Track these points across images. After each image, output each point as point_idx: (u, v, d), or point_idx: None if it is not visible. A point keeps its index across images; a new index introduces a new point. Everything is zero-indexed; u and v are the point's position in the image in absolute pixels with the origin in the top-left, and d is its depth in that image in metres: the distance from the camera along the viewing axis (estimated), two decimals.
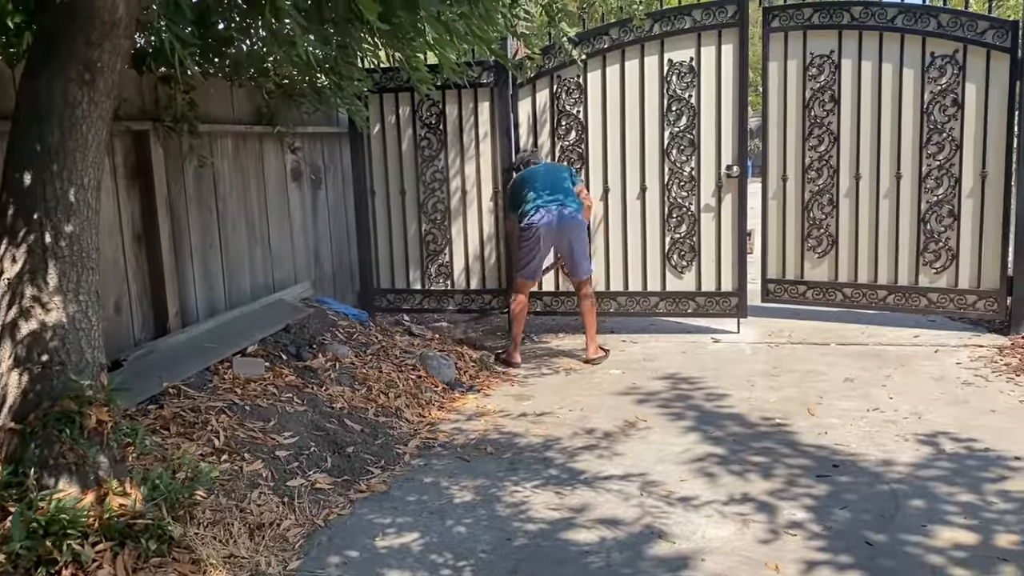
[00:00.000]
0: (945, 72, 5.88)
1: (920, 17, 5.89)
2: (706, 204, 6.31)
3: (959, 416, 4.38)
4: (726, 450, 4.07)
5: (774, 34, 6.33)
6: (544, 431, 4.46)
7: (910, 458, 3.85)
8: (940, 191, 6.00)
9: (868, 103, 6.13)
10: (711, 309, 6.42)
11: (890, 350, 5.75)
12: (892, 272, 6.22)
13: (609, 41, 6.32)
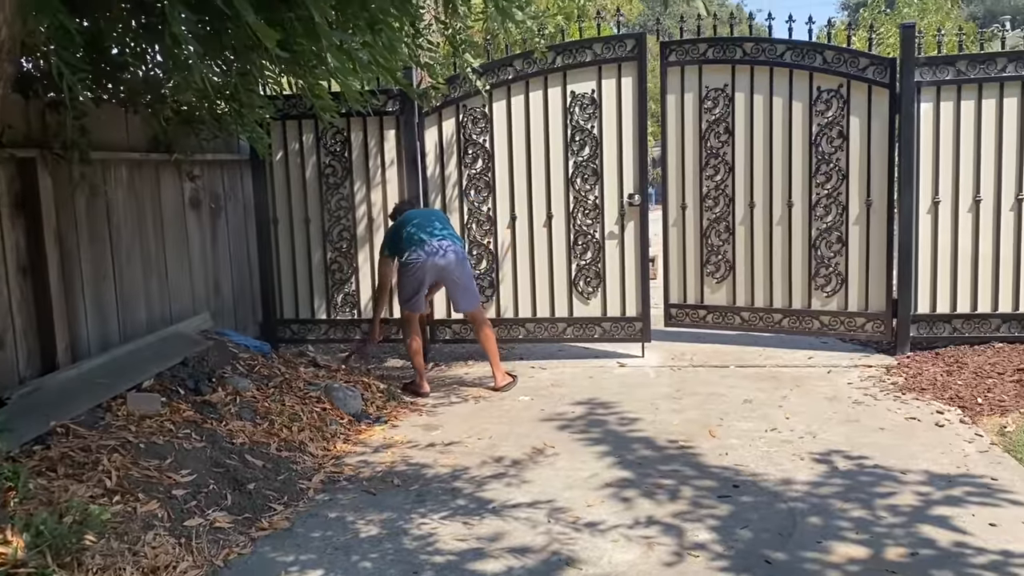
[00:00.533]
0: (831, 105, 6.20)
1: (807, 53, 6.20)
2: (610, 231, 6.44)
3: (851, 434, 4.57)
4: (632, 473, 4.13)
5: (671, 68, 6.55)
6: (452, 461, 4.43)
7: (806, 476, 3.99)
8: (829, 218, 6.29)
9: (760, 135, 6.39)
10: (617, 334, 6.53)
11: (786, 371, 5.96)
12: (786, 296, 6.47)
13: (513, 72, 6.41)
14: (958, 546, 3.21)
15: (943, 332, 6.13)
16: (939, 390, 5.26)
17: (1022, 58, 5.87)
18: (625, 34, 6.45)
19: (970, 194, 6.00)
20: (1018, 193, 5.93)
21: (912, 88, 5.95)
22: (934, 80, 5.94)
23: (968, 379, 5.40)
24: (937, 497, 3.69)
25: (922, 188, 6.05)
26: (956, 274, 6.07)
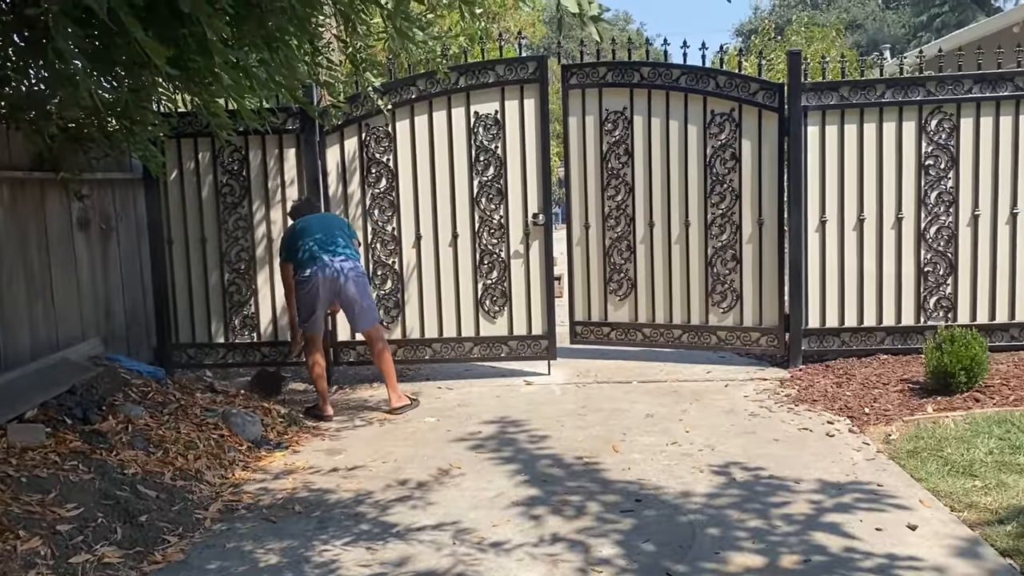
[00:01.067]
0: (724, 128, 6.43)
1: (701, 78, 6.43)
2: (515, 251, 6.49)
3: (747, 446, 4.72)
4: (538, 491, 4.15)
5: (572, 90, 6.68)
6: (356, 485, 4.36)
7: (705, 488, 4.09)
8: (724, 237, 6.51)
9: (659, 156, 6.57)
10: (523, 352, 6.57)
11: (686, 386, 6.12)
12: (685, 312, 6.65)
13: (416, 92, 6.41)
14: (847, 551, 3.34)
15: (832, 345, 6.41)
16: (829, 401, 5.49)
17: (899, 85, 6.23)
18: (527, 57, 6.53)
19: (854, 213, 6.32)
20: (898, 212, 6.27)
21: (799, 112, 6.23)
22: (819, 105, 6.24)
23: (856, 390, 5.65)
24: (828, 505, 3.83)
25: (810, 208, 6.34)
26: (843, 289, 6.36)
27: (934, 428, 4.74)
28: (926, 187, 6.23)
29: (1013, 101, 6.12)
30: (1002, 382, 5.51)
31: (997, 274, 6.24)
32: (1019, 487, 3.86)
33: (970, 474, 4.07)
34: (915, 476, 4.12)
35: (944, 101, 6.15)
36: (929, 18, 39.24)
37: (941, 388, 5.35)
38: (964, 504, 3.75)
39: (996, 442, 4.42)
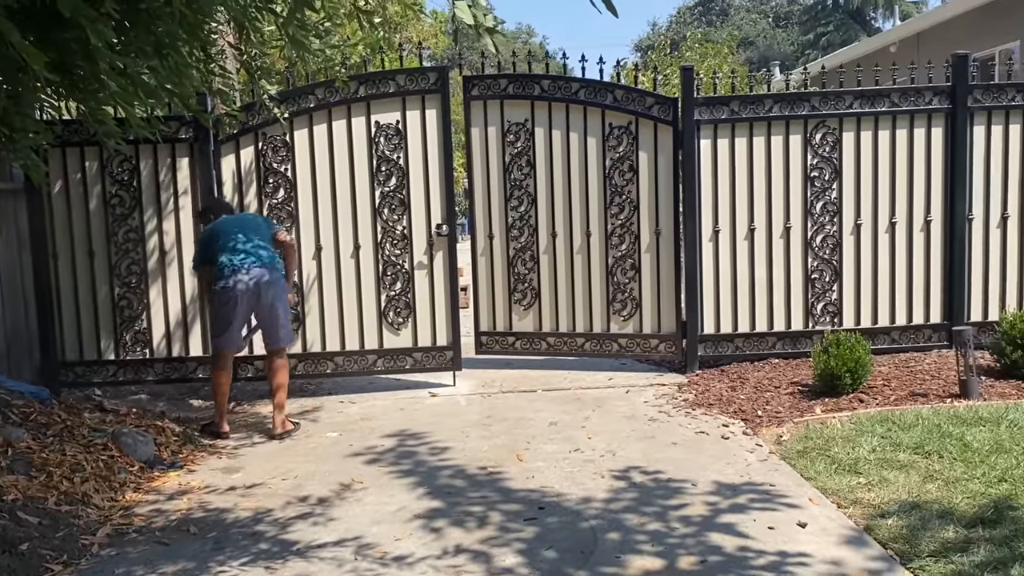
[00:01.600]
0: (622, 141, 6.58)
1: (599, 92, 6.56)
2: (419, 262, 6.47)
3: (647, 450, 4.83)
4: (441, 503, 4.13)
5: (474, 102, 6.71)
6: (255, 504, 4.24)
7: (606, 494, 4.16)
8: (623, 247, 6.65)
9: (560, 167, 6.67)
10: (428, 364, 6.54)
11: (589, 393, 6.21)
12: (588, 321, 6.76)
13: (315, 101, 6.32)
14: (742, 550, 3.45)
15: (727, 351, 6.63)
16: (724, 405, 5.67)
17: (786, 100, 6.51)
18: (428, 67, 6.53)
19: (746, 223, 6.56)
20: (786, 222, 6.54)
21: (692, 126, 6.44)
22: (711, 119, 6.47)
23: (749, 393, 5.86)
24: (724, 505, 3.95)
25: (704, 218, 6.55)
26: (736, 296, 6.59)
27: (822, 428, 4.95)
28: (812, 198, 6.53)
29: (890, 116, 6.48)
30: (884, 383, 5.81)
31: (878, 280, 6.58)
32: (900, 483, 4.07)
33: (855, 472, 4.26)
34: (805, 475, 4.30)
35: (828, 116, 6.46)
36: (816, 36, 41.21)
37: (828, 390, 5.60)
38: (850, 500, 3.93)
39: (879, 440, 4.64)
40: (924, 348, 6.58)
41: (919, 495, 3.90)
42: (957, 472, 4.14)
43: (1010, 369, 5.71)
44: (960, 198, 6.49)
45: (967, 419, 4.84)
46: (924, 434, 4.65)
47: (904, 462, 4.32)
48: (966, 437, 4.55)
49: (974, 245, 6.56)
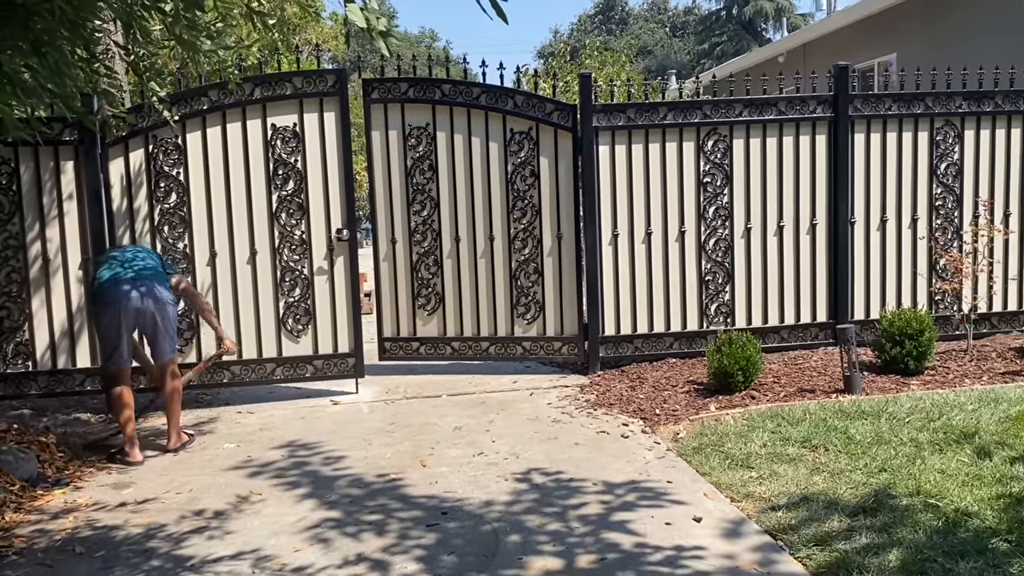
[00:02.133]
0: (523, 147, 6.64)
1: (500, 97, 6.61)
2: (319, 267, 6.36)
3: (550, 451, 4.88)
4: (342, 512, 4.08)
5: (375, 105, 6.66)
6: (147, 520, 4.09)
7: (508, 496, 4.18)
8: (526, 251, 6.72)
9: (462, 172, 6.68)
10: (329, 371, 6.44)
11: (493, 396, 6.24)
12: (492, 325, 6.79)
13: (209, 103, 6.15)
14: (639, 547, 3.53)
15: (627, 351, 6.78)
16: (625, 404, 5.79)
17: (679, 108, 6.70)
18: (326, 69, 6.43)
19: (643, 227, 6.72)
20: (681, 226, 6.74)
21: (591, 132, 6.56)
22: (609, 125, 6.60)
23: (648, 392, 6.00)
24: (623, 503, 4.04)
25: (604, 222, 6.68)
26: (635, 298, 6.74)
27: (716, 425, 5.11)
28: (705, 203, 6.75)
29: (777, 124, 6.76)
30: (774, 380, 6.05)
31: (768, 281, 6.85)
32: (789, 476, 4.24)
33: (748, 466, 4.42)
34: (700, 471, 4.43)
35: (719, 123, 6.69)
36: (711, 46, 42.59)
37: (722, 387, 5.80)
38: (743, 494, 4.07)
39: (769, 435, 4.83)
40: (812, 346, 6.89)
41: (807, 487, 4.07)
42: (842, 464, 4.34)
43: (890, 364, 6.03)
44: (843, 202, 6.82)
45: (851, 413, 5.09)
46: (811, 428, 4.87)
47: (793, 456, 4.51)
48: (850, 430, 4.78)
49: (856, 247, 6.90)
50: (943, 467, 4.17)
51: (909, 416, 4.96)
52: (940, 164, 6.92)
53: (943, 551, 3.29)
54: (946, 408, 5.04)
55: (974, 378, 5.86)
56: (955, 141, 6.91)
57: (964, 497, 3.78)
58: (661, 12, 54.66)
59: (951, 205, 6.96)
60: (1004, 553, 3.26)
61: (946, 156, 6.92)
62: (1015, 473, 4.03)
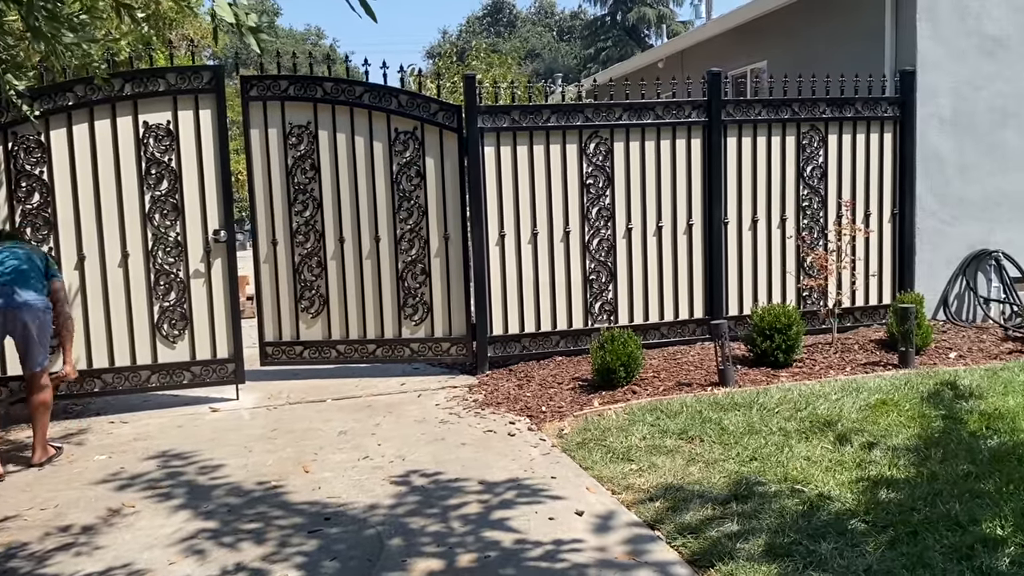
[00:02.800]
0: (408, 146, 6.61)
1: (384, 96, 6.56)
2: (195, 270, 6.15)
3: (436, 453, 4.88)
4: (219, 523, 3.96)
5: (253, 103, 6.49)
6: (7, 539, 3.86)
7: (393, 500, 4.16)
8: (413, 252, 6.69)
9: (346, 172, 6.59)
10: (208, 378, 6.23)
11: (380, 399, 6.18)
12: (379, 327, 6.72)
13: (75, 98, 5.85)
14: (519, 543, 3.58)
15: (515, 350, 6.85)
16: (512, 403, 5.85)
17: (562, 111, 6.82)
18: (201, 65, 6.23)
19: (529, 228, 6.80)
20: (566, 227, 6.86)
21: (476, 133, 6.60)
22: (494, 127, 6.65)
23: (535, 390, 6.08)
24: (507, 500, 4.08)
25: (490, 223, 6.72)
26: (522, 298, 6.82)
27: (599, 420, 5.23)
28: (588, 204, 6.89)
29: (655, 128, 6.97)
30: (654, 375, 6.24)
31: (648, 280, 7.06)
32: (666, 467, 4.39)
33: (628, 459, 4.54)
34: (583, 466, 4.52)
35: (600, 127, 6.85)
36: (596, 51, 43.50)
37: (605, 384, 5.94)
38: (623, 487, 4.19)
39: (649, 428, 4.98)
40: (690, 341, 7.14)
41: (683, 477, 4.22)
42: (715, 454, 4.53)
43: (761, 357, 6.32)
44: (717, 204, 7.10)
45: (724, 405, 5.31)
46: (688, 420, 5.05)
47: (670, 447, 4.66)
48: (723, 421, 4.99)
49: (730, 246, 7.20)
50: (808, 454, 4.41)
51: (778, 407, 5.21)
52: (806, 167, 7.30)
53: (807, 533, 3.48)
54: (812, 398, 5.33)
55: (838, 369, 6.21)
56: (820, 145, 7.31)
57: (827, 482, 4.01)
58: (548, 16, 55.43)
59: (817, 206, 7.35)
60: (861, 533, 3.47)
61: (812, 159, 7.31)
62: (872, 458, 4.30)
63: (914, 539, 3.39)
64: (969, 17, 7.57)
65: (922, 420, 4.85)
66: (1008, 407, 5.00)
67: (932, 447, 4.39)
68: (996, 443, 4.41)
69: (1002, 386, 5.46)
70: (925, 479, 3.98)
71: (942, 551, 3.27)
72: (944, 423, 4.78)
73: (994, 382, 5.56)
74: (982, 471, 4.03)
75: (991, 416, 4.84)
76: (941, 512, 3.60)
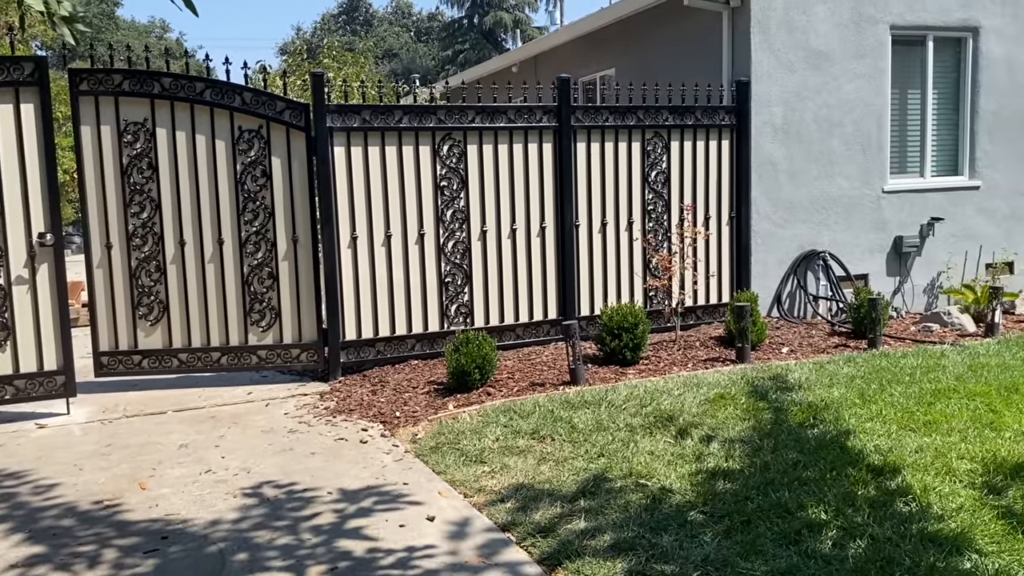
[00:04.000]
0: (253, 145, 6.38)
1: (226, 93, 6.29)
2: (18, 276, 5.69)
3: (284, 463, 4.73)
4: (48, 547, 3.67)
5: (84, 97, 6.08)
6: None
7: (237, 514, 3.99)
8: (260, 255, 6.46)
9: (187, 171, 6.28)
10: (34, 392, 5.78)
11: (226, 410, 5.93)
12: (224, 334, 6.45)
13: None
14: (372, 552, 3.52)
15: (369, 355, 6.74)
16: (365, 409, 5.75)
17: (415, 112, 6.77)
18: (23, 56, 5.75)
19: (383, 230, 6.72)
20: (420, 229, 6.82)
21: (325, 132, 6.44)
22: (344, 126, 6.52)
23: (389, 396, 6.01)
24: (357, 509, 4.00)
25: (342, 225, 6.59)
26: (376, 301, 6.73)
27: (453, 423, 5.23)
28: (442, 206, 6.88)
29: (507, 131, 7.05)
30: (509, 376, 6.31)
31: (503, 281, 7.13)
32: (518, 467, 4.44)
33: (481, 461, 4.56)
34: (436, 470, 4.50)
35: (453, 129, 6.85)
36: (454, 53, 43.64)
37: (461, 386, 5.94)
38: (475, 489, 4.20)
39: (502, 430, 5.02)
40: (545, 342, 7.26)
41: (534, 477, 4.28)
42: (566, 452, 4.62)
43: (611, 356, 6.51)
44: (568, 207, 7.26)
45: (575, 403, 5.43)
46: (540, 420, 5.13)
47: (523, 448, 4.72)
48: (574, 420, 5.10)
49: (581, 248, 7.38)
50: (652, 449, 4.57)
51: (625, 403, 5.38)
52: (651, 172, 7.58)
53: (650, 527, 3.60)
54: (657, 394, 5.53)
55: (681, 365, 6.49)
56: (663, 151, 7.61)
57: (669, 475, 4.17)
58: (405, 16, 55.09)
59: (661, 209, 7.65)
60: (700, 524, 3.63)
61: (656, 165, 7.60)
62: (710, 451, 4.51)
63: (748, 527, 3.57)
64: (797, 31, 8.09)
65: (756, 413, 5.13)
66: (833, 398, 5.37)
67: (765, 438, 4.66)
68: (821, 432, 4.73)
69: (828, 378, 5.86)
70: (758, 469, 4.21)
71: (772, 538, 3.47)
72: (776, 415, 5.08)
73: (821, 375, 5.96)
74: (809, 459, 4.30)
75: (817, 407, 5.18)
76: (772, 500, 3.81)
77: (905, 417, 4.97)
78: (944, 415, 4.97)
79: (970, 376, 5.86)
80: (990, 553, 3.29)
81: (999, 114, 8.91)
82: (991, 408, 5.10)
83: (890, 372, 5.99)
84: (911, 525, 3.53)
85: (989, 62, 8.80)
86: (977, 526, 3.51)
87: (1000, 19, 8.77)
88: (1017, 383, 5.62)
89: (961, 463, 4.20)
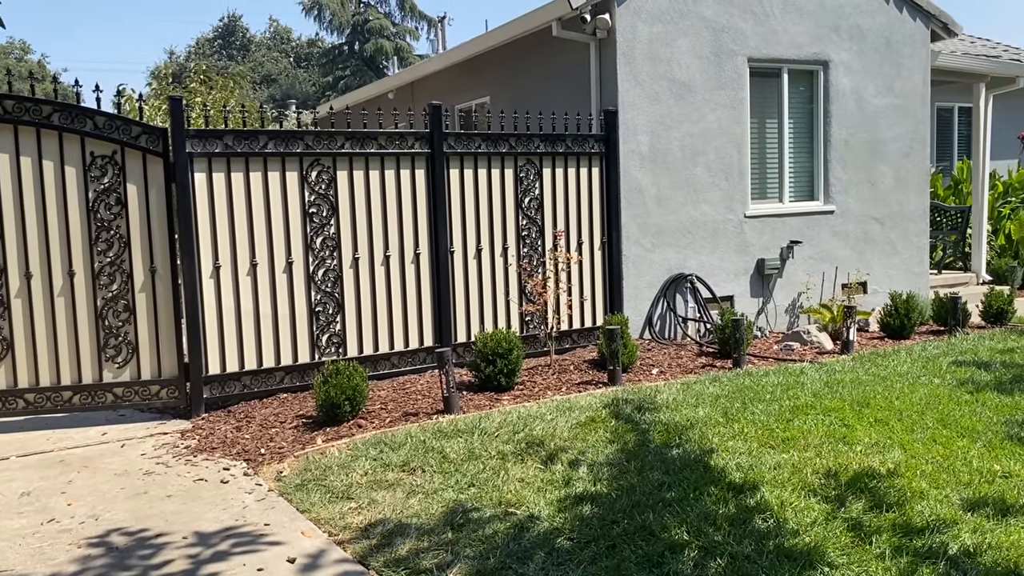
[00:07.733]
0: (107, 172, 6.05)
1: (77, 117, 5.96)
2: None
3: (137, 509, 4.44)
4: None
5: None
6: None
7: (79, 566, 3.71)
8: (115, 287, 6.11)
9: (31, 199, 5.90)
10: None
11: (76, 452, 5.55)
12: (76, 371, 6.06)
13: None
14: None
15: (235, 390, 6.46)
16: (228, 447, 5.50)
17: (281, 137, 6.59)
18: None
19: (248, 258, 6.48)
20: (288, 257, 6.62)
21: (185, 158, 6.19)
22: (205, 152, 6.28)
23: (255, 432, 5.77)
24: (214, 554, 3.80)
25: (203, 254, 6.32)
26: (242, 333, 6.47)
27: (321, 459, 5.06)
28: (312, 233, 6.71)
29: (379, 157, 6.96)
30: (382, 406, 6.17)
31: (377, 310, 7.00)
32: (386, 502, 4.32)
33: (348, 497, 4.42)
34: (300, 509, 4.33)
35: (322, 155, 6.71)
36: (335, 79, 43.13)
37: (330, 419, 5.77)
38: (340, 527, 4.06)
39: (371, 463, 4.89)
40: (421, 370, 7.16)
41: (402, 511, 4.17)
42: (436, 483, 4.53)
43: (485, 382, 6.48)
44: (442, 233, 7.22)
45: (448, 432, 5.35)
46: (411, 451, 5.03)
47: (392, 481, 4.60)
48: (445, 449, 5.02)
49: (456, 275, 7.34)
50: (523, 476, 4.55)
51: (498, 430, 5.35)
52: (524, 198, 7.65)
53: (516, 556, 3.56)
54: (529, 420, 5.53)
55: (555, 389, 6.52)
56: (536, 178, 7.69)
57: (537, 502, 4.15)
58: (284, 42, 54.13)
59: (535, 235, 7.72)
60: (567, 551, 3.62)
61: (529, 191, 7.67)
62: (579, 475, 4.52)
63: (613, 552, 3.59)
64: (661, 63, 8.37)
65: (624, 435, 5.20)
66: (698, 417, 5.51)
67: (632, 460, 4.72)
68: (686, 452, 4.83)
69: (694, 398, 6.02)
70: (624, 492, 4.25)
71: (637, 561, 3.49)
72: (643, 436, 5.16)
73: (687, 395, 6.11)
74: (673, 480, 4.38)
75: (683, 427, 5.30)
76: (638, 523, 3.85)
77: (765, 434, 5.14)
78: (801, 431, 5.17)
79: (826, 392, 6.13)
80: (840, 565, 3.42)
81: (849, 142, 9.47)
82: (844, 423, 5.35)
83: (752, 390, 6.21)
84: (768, 541, 3.62)
85: (839, 93, 9.36)
86: (829, 539, 3.64)
87: (848, 54, 9.36)
88: (868, 398, 5.93)
89: (815, 478, 4.37)
